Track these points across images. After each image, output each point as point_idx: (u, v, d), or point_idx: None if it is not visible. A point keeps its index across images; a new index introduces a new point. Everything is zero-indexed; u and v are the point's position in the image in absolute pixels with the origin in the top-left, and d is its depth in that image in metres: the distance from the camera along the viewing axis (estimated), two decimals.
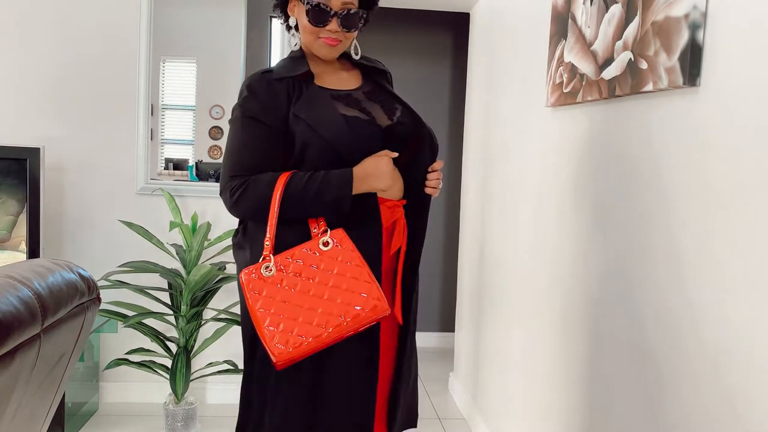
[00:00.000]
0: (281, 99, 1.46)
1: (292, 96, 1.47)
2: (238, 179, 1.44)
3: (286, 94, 1.46)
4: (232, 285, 2.91)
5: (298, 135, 1.45)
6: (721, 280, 1.16)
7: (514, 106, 2.47)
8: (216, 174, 3.09)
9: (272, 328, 1.34)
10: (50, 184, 2.83)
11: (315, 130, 1.44)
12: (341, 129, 1.46)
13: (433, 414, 3.03)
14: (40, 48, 2.86)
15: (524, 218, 2.28)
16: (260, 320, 1.35)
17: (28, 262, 0.95)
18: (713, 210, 1.19)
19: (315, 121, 1.45)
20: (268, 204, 1.40)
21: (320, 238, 1.41)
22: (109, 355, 2.96)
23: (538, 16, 2.20)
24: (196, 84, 3.10)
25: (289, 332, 1.33)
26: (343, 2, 1.47)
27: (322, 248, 1.40)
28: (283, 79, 1.48)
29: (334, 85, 1.56)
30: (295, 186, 1.41)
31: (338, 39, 1.50)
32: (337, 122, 1.46)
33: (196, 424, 2.68)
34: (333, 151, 1.45)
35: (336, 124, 1.46)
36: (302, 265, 1.40)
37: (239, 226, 1.58)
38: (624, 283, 1.52)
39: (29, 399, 0.90)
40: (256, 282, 1.38)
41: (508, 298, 2.45)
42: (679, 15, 1.26)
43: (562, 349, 1.89)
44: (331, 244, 1.41)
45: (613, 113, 1.60)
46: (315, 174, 1.43)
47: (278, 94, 1.46)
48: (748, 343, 1.09)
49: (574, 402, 1.80)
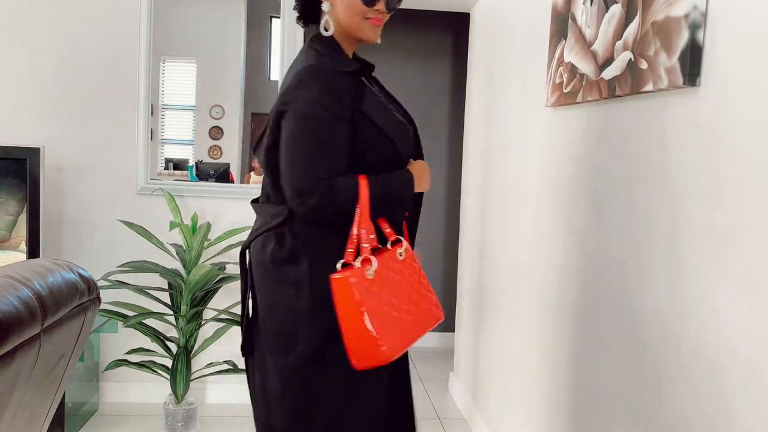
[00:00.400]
0: (351, 95, 1.42)
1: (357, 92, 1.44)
2: (324, 182, 1.37)
3: (354, 90, 1.43)
4: (232, 285, 2.91)
5: (363, 134, 1.43)
6: (721, 280, 1.16)
7: (514, 106, 2.47)
8: (216, 174, 3.09)
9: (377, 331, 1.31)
10: (50, 184, 2.83)
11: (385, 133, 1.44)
12: (406, 134, 1.51)
13: (433, 414, 3.03)
14: (40, 48, 2.86)
15: (524, 218, 2.28)
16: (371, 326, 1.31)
17: (28, 262, 0.95)
18: (714, 210, 1.19)
19: (385, 124, 1.45)
20: (354, 208, 1.38)
21: (397, 248, 1.44)
22: (109, 355, 2.96)
23: (538, 16, 2.20)
24: (196, 84, 3.10)
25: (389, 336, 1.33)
26: None
27: (399, 257, 1.43)
28: (347, 73, 1.44)
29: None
30: (376, 188, 1.40)
31: (382, 19, 1.47)
32: (402, 127, 1.50)
33: (196, 424, 2.68)
34: (396, 154, 1.48)
35: (401, 129, 1.50)
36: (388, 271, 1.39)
37: (283, 236, 1.45)
38: (624, 282, 1.52)
39: (29, 399, 0.90)
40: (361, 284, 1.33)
41: (508, 298, 2.45)
42: (679, 15, 1.26)
43: (563, 349, 1.89)
44: (404, 254, 1.44)
45: (613, 113, 1.60)
46: (387, 176, 1.45)
47: (348, 89, 1.42)
48: (749, 343, 1.09)
49: (574, 402, 1.80)
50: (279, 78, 2.99)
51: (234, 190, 3.02)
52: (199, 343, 2.78)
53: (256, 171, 3.16)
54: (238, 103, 3.16)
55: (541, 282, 2.07)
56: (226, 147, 3.14)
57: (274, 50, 3.12)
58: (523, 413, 2.22)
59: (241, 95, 3.17)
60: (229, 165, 3.13)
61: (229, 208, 3.00)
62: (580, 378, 1.76)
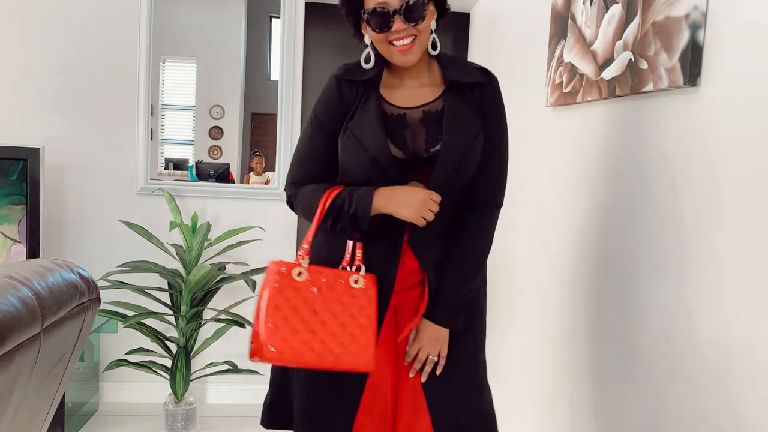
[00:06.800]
0: (346, 103, 1.43)
1: (354, 103, 1.43)
2: (292, 187, 1.50)
3: (353, 100, 1.43)
4: (232, 285, 2.91)
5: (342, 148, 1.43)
6: (721, 280, 1.16)
7: (513, 106, 2.47)
8: (216, 174, 3.09)
9: (271, 326, 1.33)
10: (50, 184, 2.83)
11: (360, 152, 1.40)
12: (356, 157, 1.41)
13: None
14: (40, 48, 2.86)
15: (524, 218, 2.28)
16: (267, 313, 1.33)
17: (28, 262, 0.95)
18: (714, 210, 1.19)
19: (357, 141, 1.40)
20: (311, 216, 1.43)
21: (353, 275, 1.39)
22: (109, 355, 2.96)
23: (538, 16, 2.20)
24: (196, 84, 3.10)
25: (284, 340, 1.32)
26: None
27: (352, 284, 1.39)
28: (353, 82, 1.43)
29: (402, 99, 1.44)
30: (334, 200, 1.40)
31: (410, 36, 1.36)
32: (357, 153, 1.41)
33: (196, 424, 2.68)
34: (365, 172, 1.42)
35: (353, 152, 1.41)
36: (326, 287, 1.38)
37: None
38: (624, 282, 1.52)
39: (29, 399, 0.90)
40: (282, 277, 1.36)
41: (507, 298, 2.45)
42: (679, 15, 1.26)
43: (563, 349, 1.89)
44: (360, 284, 1.39)
45: (613, 113, 1.60)
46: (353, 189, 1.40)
47: (343, 98, 1.43)
48: (750, 343, 1.09)
49: (574, 401, 1.80)
50: (279, 78, 2.99)
51: (234, 190, 3.02)
52: (199, 343, 2.78)
53: (255, 171, 3.16)
54: (238, 103, 3.16)
55: (541, 281, 2.07)
56: (226, 147, 3.14)
57: (274, 50, 3.12)
58: (524, 413, 2.22)
59: (241, 95, 3.17)
60: (229, 165, 3.14)
61: (229, 208, 3.00)
62: (581, 378, 1.76)
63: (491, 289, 2.73)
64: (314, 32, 3.63)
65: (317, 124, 1.45)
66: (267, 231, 2.98)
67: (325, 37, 3.69)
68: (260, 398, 3.33)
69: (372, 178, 1.39)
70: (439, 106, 1.42)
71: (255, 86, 3.19)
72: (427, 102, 1.43)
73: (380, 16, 1.34)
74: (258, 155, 3.16)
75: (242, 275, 2.62)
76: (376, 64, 1.43)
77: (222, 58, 3.14)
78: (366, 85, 1.43)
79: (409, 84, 1.45)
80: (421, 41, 1.38)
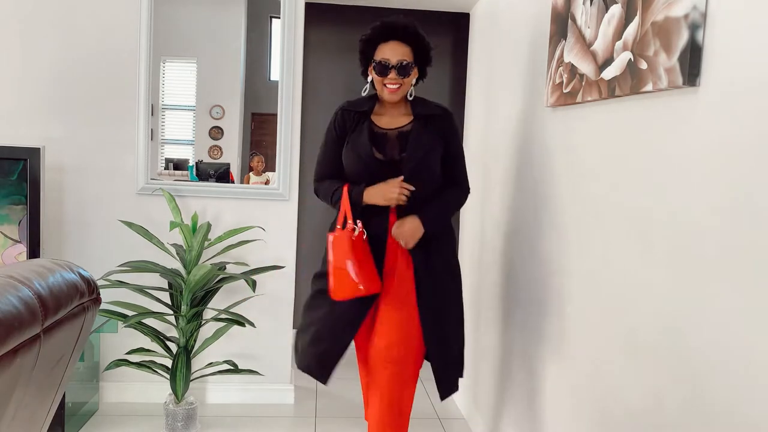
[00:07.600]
0: (346, 127, 2.14)
1: (353, 125, 2.13)
2: (315, 183, 2.23)
3: (352, 123, 2.13)
4: (233, 285, 2.91)
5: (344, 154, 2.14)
6: (721, 280, 1.16)
7: (514, 106, 2.47)
8: (216, 174, 3.09)
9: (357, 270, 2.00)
10: (50, 184, 2.83)
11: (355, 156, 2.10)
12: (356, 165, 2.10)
13: (433, 414, 3.03)
14: (40, 48, 2.86)
15: (524, 217, 2.28)
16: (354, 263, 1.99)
17: (28, 262, 0.95)
18: (714, 210, 1.19)
19: (345, 153, 2.12)
20: (329, 203, 2.16)
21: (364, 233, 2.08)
22: (109, 355, 2.96)
23: (538, 16, 2.20)
24: (196, 84, 3.10)
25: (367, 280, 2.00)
26: (398, 59, 2.04)
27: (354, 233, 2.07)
28: (352, 112, 2.14)
29: (385, 123, 2.13)
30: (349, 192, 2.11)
31: (397, 83, 2.05)
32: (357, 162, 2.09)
33: (196, 424, 2.68)
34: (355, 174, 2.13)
35: (353, 161, 2.10)
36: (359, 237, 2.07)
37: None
38: (624, 282, 1.52)
39: (29, 399, 0.90)
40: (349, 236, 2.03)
41: (507, 298, 2.45)
42: (678, 15, 1.26)
43: (563, 349, 1.89)
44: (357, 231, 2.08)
45: (613, 113, 1.61)
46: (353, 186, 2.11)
47: (346, 121, 2.14)
48: (750, 344, 1.09)
49: (575, 401, 1.80)
50: (279, 78, 2.99)
51: (234, 190, 3.02)
52: (199, 343, 2.78)
53: (255, 171, 3.16)
54: (238, 103, 3.16)
55: (541, 281, 2.08)
56: (226, 147, 3.14)
57: (274, 50, 3.12)
58: (524, 413, 2.22)
59: (241, 95, 3.17)
60: (229, 165, 3.14)
61: (230, 208, 3.00)
62: (581, 378, 1.76)
63: (491, 288, 2.72)
64: (314, 32, 3.63)
65: (329, 140, 2.17)
66: (267, 231, 2.98)
67: (325, 38, 3.69)
68: (260, 398, 3.33)
69: (363, 173, 2.08)
70: (409, 129, 2.11)
71: (255, 86, 3.19)
72: (402, 126, 2.12)
73: (382, 66, 2.05)
74: (258, 155, 3.17)
75: (242, 275, 2.63)
76: (372, 99, 2.15)
77: (222, 58, 3.14)
78: (361, 115, 2.13)
79: (391, 113, 2.14)
80: (404, 88, 2.09)
